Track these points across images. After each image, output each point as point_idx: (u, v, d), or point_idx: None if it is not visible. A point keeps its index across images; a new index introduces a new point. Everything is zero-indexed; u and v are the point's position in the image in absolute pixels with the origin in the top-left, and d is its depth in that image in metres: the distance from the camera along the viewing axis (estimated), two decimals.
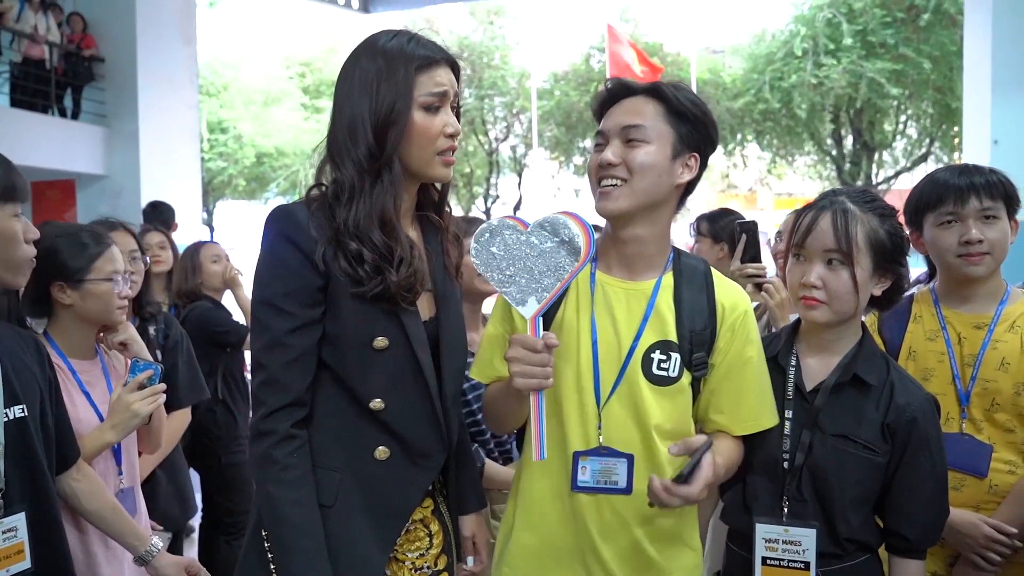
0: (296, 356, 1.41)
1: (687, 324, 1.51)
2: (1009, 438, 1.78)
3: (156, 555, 1.85)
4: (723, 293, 1.56)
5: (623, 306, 1.53)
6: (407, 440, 1.47)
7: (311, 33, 21.14)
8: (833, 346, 1.62)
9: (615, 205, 1.50)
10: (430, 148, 1.45)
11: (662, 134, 1.51)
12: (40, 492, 1.60)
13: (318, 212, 1.43)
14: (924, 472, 1.57)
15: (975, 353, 1.79)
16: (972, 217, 1.76)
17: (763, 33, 16.83)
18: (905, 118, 17.36)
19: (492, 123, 19.31)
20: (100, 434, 1.90)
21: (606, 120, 1.55)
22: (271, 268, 1.43)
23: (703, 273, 1.57)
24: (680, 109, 1.52)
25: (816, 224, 1.57)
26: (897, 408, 1.56)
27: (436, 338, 1.51)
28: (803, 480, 1.57)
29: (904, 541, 1.59)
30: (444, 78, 1.46)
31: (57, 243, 1.94)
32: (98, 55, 10.08)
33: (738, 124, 16.97)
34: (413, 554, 1.54)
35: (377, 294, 1.40)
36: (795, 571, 1.54)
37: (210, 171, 18.38)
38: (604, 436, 1.50)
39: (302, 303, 1.40)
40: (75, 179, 10.15)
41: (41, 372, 1.67)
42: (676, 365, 1.51)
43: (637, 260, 1.54)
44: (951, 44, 14.21)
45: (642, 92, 1.54)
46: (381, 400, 1.43)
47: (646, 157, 1.49)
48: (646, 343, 1.51)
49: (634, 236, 1.53)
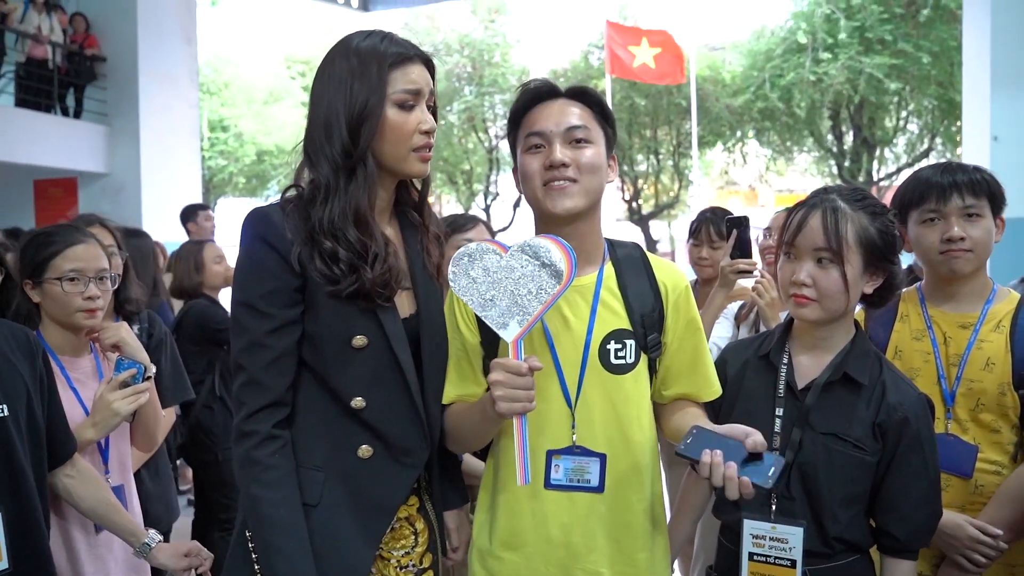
0: (275, 356, 1.42)
1: (636, 309, 1.54)
2: (994, 438, 1.77)
3: (154, 547, 1.85)
4: (662, 273, 1.59)
5: (570, 304, 1.54)
6: (389, 438, 1.48)
7: (311, 31, 21.13)
8: (825, 344, 1.63)
9: (572, 203, 1.51)
10: (405, 145, 1.46)
11: (599, 135, 1.55)
12: (20, 492, 1.59)
13: (293, 213, 1.44)
14: (916, 472, 1.56)
15: (960, 353, 1.79)
16: (954, 215, 1.77)
17: (762, 29, 16.79)
18: (906, 114, 17.31)
19: (492, 120, 19.29)
20: (81, 431, 1.88)
21: (543, 121, 1.54)
22: (248, 270, 1.44)
23: (639, 258, 1.61)
24: (606, 113, 1.57)
25: (806, 222, 1.58)
26: (888, 407, 1.55)
27: (417, 335, 1.52)
28: (792, 478, 1.58)
29: (895, 541, 1.58)
30: (418, 75, 1.48)
31: (28, 240, 1.95)
32: (100, 54, 10.10)
33: (737, 121, 16.94)
34: (398, 552, 1.54)
35: (352, 292, 1.41)
36: (782, 568, 1.54)
37: (211, 169, 18.41)
38: (578, 435, 1.52)
39: (280, 304, 1.42)
40: (77, 177, 10.17)
41: (31, 368, 1.65)
42: (632, 351, 1.53)
43: (579, 255, 1.51)
44: (951, 39, 14.18)
45: (569, 95, 1.57)
46: (362, 399, 1.45)
47: (594, 157, 1.53)
48: (599, 335, 1.53)
49: (579, 232, 1.54)
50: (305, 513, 1.43)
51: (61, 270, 1.92)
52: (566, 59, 18.37)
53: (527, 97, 1.58)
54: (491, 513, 1.60)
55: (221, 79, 19.35)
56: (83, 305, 1.94)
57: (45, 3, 9.68)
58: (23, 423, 1.62)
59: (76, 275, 1.93)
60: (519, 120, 1.58)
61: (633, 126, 17.61)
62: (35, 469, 1.65)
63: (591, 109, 1.56)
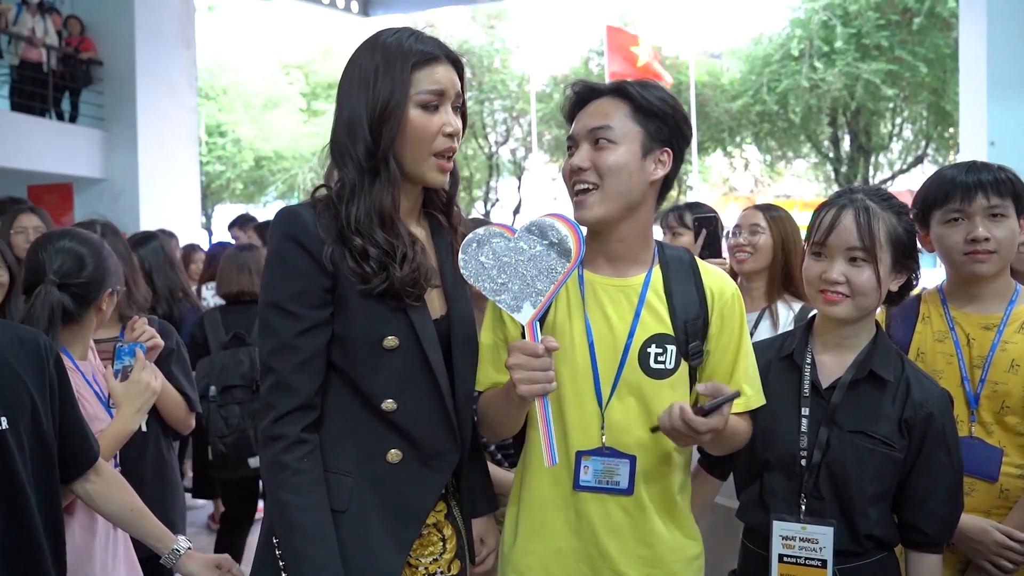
0: (305, 359, 1.39)
1: (680, 315, 1.52)
2: (1020, 441, 1.74)
3: (182, 555, 1.77)
4: (710, 280, 1.57)
5: (614, 303, 1.53)
6: (419, 441, 1.45)
7: (310, 36, 21.15)
8: (848, 343, 1.63)
9: (592, 213, 1.49)
10: (426, 147, 1.43)
11: (629, 133, 1.50)
12: (16, 508, 1.53)
13: (324, 212, 1.42)
14: (942, 467, 1.57)
15: (984, 355, 1.76)
16: (979, 215, 1.73)
17: (760, 36, 16.88)
18: (901, 120, 17.41)
19: (492, 127, 19.33)
20: (123, 425, 1.89)
21: (575, 124, 1.54)
22: (278, 270, 1.42)
23: (688, 263, 1.59)
24: (646, 106, 1.51)
25: (839, 221, 1.58)
26: (914, 404, 1.56)
27: (448, 337, 1.50)
28: (821, 477, 1.57)
29: (922, 536, 1.59)
30: (443, 76, 1.44)
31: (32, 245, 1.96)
32: (96, 58, 10.07)
33: (736, 126, 17.00)
34: (426, 559, 1.51)
35: (383, 290, 1.39)
36: (812, 569, 1.54)
37: (208, 175, 18.38)
38: (608, 436, 1.50)
39: (309, 305, 1.39)
40: (73, 183, 10.11)
41: (38, 375, 1.58)
42: (672, 356, 1.51)
43: (623, 258, 1.54)
44: (945, 47, 14.26)
45: (607, 93, 1.54)
46: (393, 401, 1.42)
47: (615, 159, 1.49)
48: (641, 338, 1.51)
49: (617, 237, 1.53)
50: (334, 520, 1.40)
51: None
52: (566, 65, 18.43)
53: (572, 101, 1.58)
54: (518, 516, 1.60)
55: (219, 84, 19.34)
56: None
57: (39, 5, 9.64)
58: (26, 435, 1.55)
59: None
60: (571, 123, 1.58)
61: None
62: (40, 483, 1.58)
63: (629, 105, 1.51)
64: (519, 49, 18.88)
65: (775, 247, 2.47)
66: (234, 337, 3.38)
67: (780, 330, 2.32)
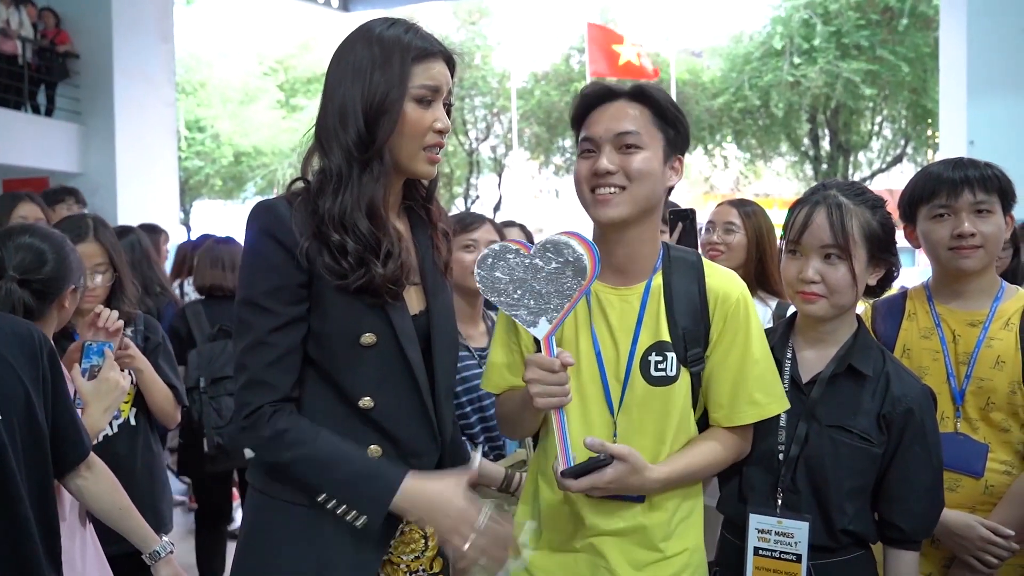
0: (280, 355, 1.37)
1: (679, 322, 1.52)
2: (1005, 438, 1.75)
3: (161, 558, 1.79)
4: (715, 282, 1.56)
5: (617, 312, 1.54)
6: (398, 439, 1.44)
7: (289, 31, 21.00)
8: (829, 338, 1.63)
9: (616, 212, 1.49)
10: (418, 142, 1.42)
11: (654, 139, 1.51)
12: (8, 501, 1.53)
13: (300, 207, 1.39)
14: (920, 462, 1.57)
15: (970, 351, 1.77)
16: (965, 211, 1.74)
17: (740, 35, 16.97)
18: (880, 119, 17.58)
19: (472, 123, 19.30)
20: (91, 423, 1.86)
21: (594, 126, 1.52)
22: (253, 266, 1.39)
23: (694, 264, 1.58)
24: (666, 113, 1.53)
25: (811, 220, 1.57)
26: (893, 399, 1.56)
27: (427, 333, 1.48)
28: (798, 472, 1.58)
29: (899, 532, 1.59)
30: (439, 72, 1.43)
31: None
32: (73, 51, 9.94)
33: (717, 124, 17.09)
34: (408, 556, 1.50)
35: (361, 287, 1.36)
36: (787, 563, 1.55)
37: (187, 170, 18.20)
38: (620, 442, 1.50)
39: (285, 300, 1.37)
40: (49, 177, 9.95)
41: (32, 367, 1.58)
42: (672, 364, 1.52)
43: (630, 264, 1.55)
44: (925, 46, 14.41)
45: (626, 96, 1.53)
46: (370, 398, 1.40)
47: (644, 164, 1.49)
48: (643, 346, 1.52)
49: (629, 240, 1.53)
50: (310, 514, 1.39)
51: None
52: (547, 62, 18.42)
53: (585, 101, 1.56)
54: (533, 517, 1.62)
55: (196, 79, 19.15)
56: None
57: None
58: (19, 428, 1.55)
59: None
60: (580, 124, 1.57)
61: None
62: (33, 476, 1.58)
63: (649, 110, 1.52)
64: (500, 46, 18.87)
65: (749, 245, 2.47)
66: (220, 330, 3.39)
67: None
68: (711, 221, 2.57)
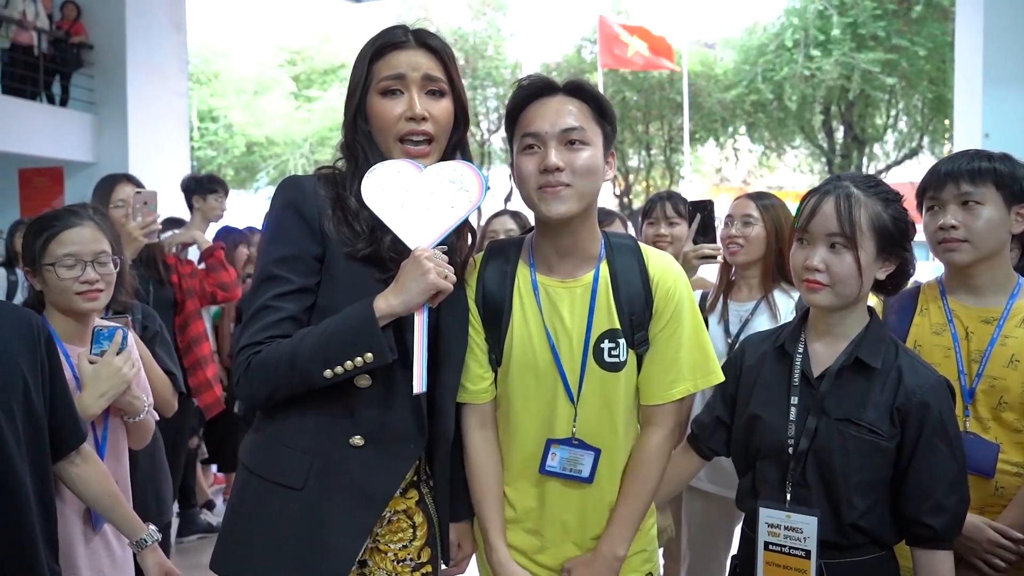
0: (280, 319, 1.41)
1: (627, 309, 1.57)
2: (1016, 438, 1.71)
3: (147, 547, 1.82)
4: (653, 266, 1.60)
5: (567, 305, 1.57)
6: (385, 424, 1.46)
7: (302, 22, 20.99)
8: (839, 331, 1.61)
9: (566, 207, 1.50)
10: (390, 132, 1.48)
11: (595, 135, 1.53)
12: (8, 487, 1.54)
13: (325, 183, 1.48)
14: (944, 456, 1.52)
15: (983, 349, 1.73)
16: (951, 202, 1.73)
17: (754, 26, 16.81)
18: (895, 111, 17.40)
19: (484, 114, 19.24)
20: (87, 405, 1.84)
21: (538, 121, 1.52)
22: (271, 235, 1.46)
23: (633, 250, 1.62)
24: (603, 109, 1.54)
25: (819, 208, 1.57)
26: (906, 391, 1.53)
27: (435, 326, 1.49)
28: (808, 465, 1.57)
29: (929, 530, 1.52)
30: (402, 60, 1.48)
31: (27, 228, 1.95)
32: (87, 42, 9.97)
33: (730, 116, 16.97)
34: (395, 545, 1.53)
35: (368, 255, 1.42)
36: (797, 559, 1.54)
37: (200, 160, 18.24)
38: (579, 428, 1.58)
39: (297, 270, 1.42)
40: (63, 166, 10.05)
41: (30, 354, 1.59)
42: (623, 349, 1.57)
43: (574, 257, 1.58)
44: (943, 36, 14.23)
45: (565, 91, 1.54)
46: (367, 377, 1.43)
47: (590, 160, 1.51)
48: (595, 334, 1.56)
49: (574, 233, 1.55)
50: (288, 496, 1.41)
51: (56, 255, 1.90)
52: (559, 53, 18.35)
53: (523, 94, 1.56)
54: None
55: (211, 69, 19.18)
56: (79, 288, 1.90)
57: None
58: (19, 415, 1.56)
59: (72, 259, 1.90)
60: (516, 116, 1.57)
61: (625, 121, 17.59)
62: (31, 463, 1.59)
63: (588, 106, 1.53)
64: (513, 36, 18.81)
65: (768, 237, 2.46)
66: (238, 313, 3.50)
67: (781, 319, 2.31)
68: (729, 215, 2.57)
